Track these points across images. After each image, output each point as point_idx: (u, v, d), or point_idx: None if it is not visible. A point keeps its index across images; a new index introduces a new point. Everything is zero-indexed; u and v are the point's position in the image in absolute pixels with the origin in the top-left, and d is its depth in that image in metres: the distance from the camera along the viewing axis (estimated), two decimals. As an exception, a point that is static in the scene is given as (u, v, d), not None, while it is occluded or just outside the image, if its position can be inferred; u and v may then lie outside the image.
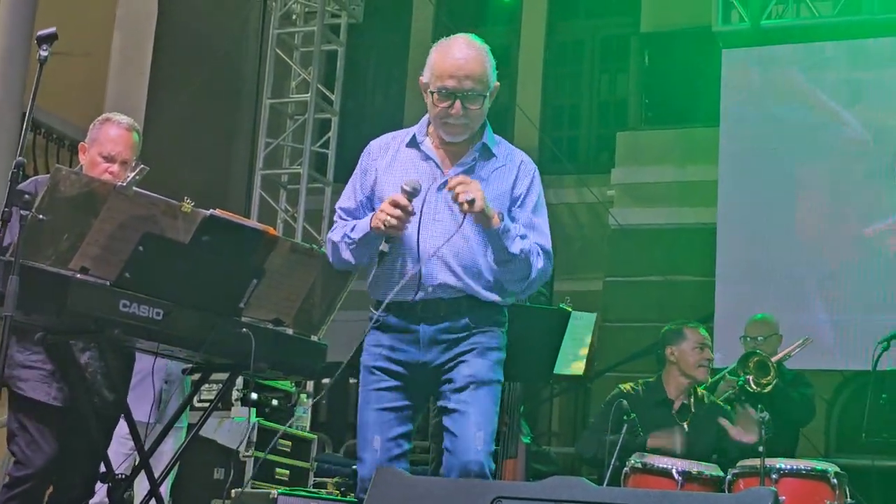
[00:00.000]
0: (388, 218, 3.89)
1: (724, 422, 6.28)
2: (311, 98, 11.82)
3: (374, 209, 4.08)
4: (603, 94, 15.02)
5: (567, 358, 6.02)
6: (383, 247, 3.96)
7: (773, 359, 6.92)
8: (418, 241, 3.98)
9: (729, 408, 6.63)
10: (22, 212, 3.87)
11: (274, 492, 6.48)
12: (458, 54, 4.02)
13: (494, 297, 4.07)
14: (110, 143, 4.79)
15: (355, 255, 4.09)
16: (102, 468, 4.67)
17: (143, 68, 11.35)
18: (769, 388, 6.76)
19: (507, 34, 14.87)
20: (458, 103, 4.00)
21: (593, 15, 14.70)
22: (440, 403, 4.03)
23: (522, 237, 4.01)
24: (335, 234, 4.16)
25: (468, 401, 3.94)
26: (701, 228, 11.67)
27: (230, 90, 12.82)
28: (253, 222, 4.80)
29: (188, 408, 6.23)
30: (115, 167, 4.74)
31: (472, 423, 3.91)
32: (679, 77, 13.45)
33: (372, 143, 4.27)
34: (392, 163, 4.15)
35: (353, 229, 4.08)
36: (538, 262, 4.06)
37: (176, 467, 5.74)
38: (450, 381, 3.99)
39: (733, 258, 10.76)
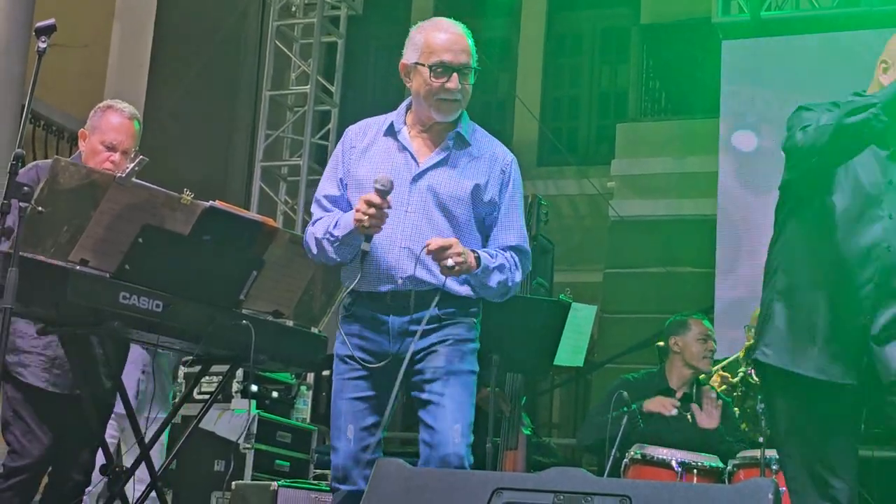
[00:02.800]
0: (363, 217, 3.87)
1: (694, 407, 6.29)
2: (310, 90, 11.81)
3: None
4: (603, 85, 15.03)
5: (567, 349, 6.02)
6: (364, 246, 3.93)
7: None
8: (389, 234, 3.96)
9: (729, 398, 6.64)
10: (21, 204, 3.87)
11: (274, 484, 6.48)
12: (452, 30, 4.07)
13: (467, 291, 4.04)
14: (112, 131, 4.76)
15: (339, 253, 4.04)
16: (102, 459, 4.67)
17: (142, 60, 11.34)
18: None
19: (507, 25, 14.88)
20: (455, 76, 4.00)
21: (593, 6, 14.71)
22: (414, 394, 4.00)
23: (500, 268, 4.01)
24: (317, 230, 4.10)
25: (443, 392, 3.92)
26: (701, 220, 11.67)
27: (230, 82, 12.81)
28: (253, 214, 4.79)
29: (173, 394, 6.24)
30: (116, 156, 4.73)
31: (449, 416, 3.89)
32: (679, 68, 13.45)
33: (349, 128, 4.24)
34: (367, 150, 4.13)
35: (335, 225, 4.04)
36: (516, 276, 4.08)
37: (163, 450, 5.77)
38: (421, 372, 3.96)
39: (733, 249, 10.76)
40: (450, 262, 3.83)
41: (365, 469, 3.93)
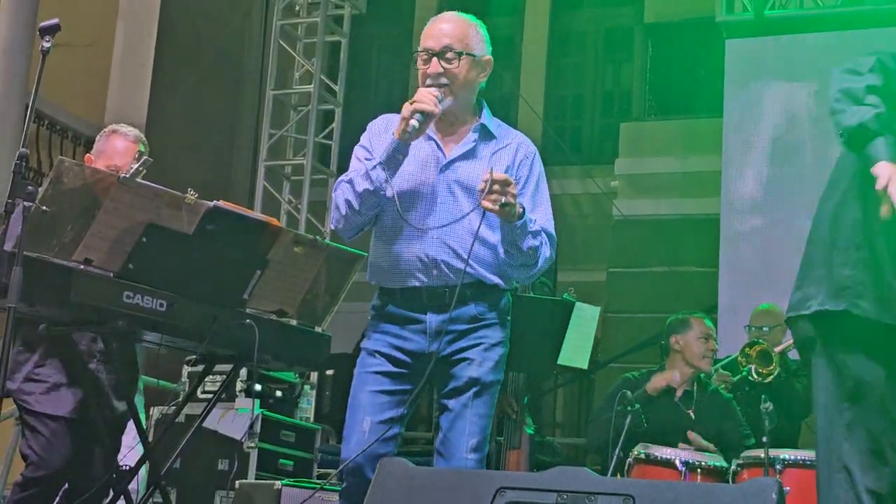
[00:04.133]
0: (422, 98, 3.87)
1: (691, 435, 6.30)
2: (314, 89, 11.80)
3: None
4: (607, 84, 15.03)
5: (571, 349, 6.02)
6: (414, 119, 3.85)
7: (777, 349, 6.93)
8: (420, 223, 3.96)
9: (731, 395, 6.64)
10: (25, 203, 3.87)
11: (278, 483, 6.47)
12: (445, 18, 4.12)
13: (497, 281, 4.03)
14: (118, 155, 4.80)
15: (374, 179, 3.92)
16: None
17: (146, 59, 11.36)
18: (771, 378, 6.77)
19: (511, 25, 14.87)
20: (434, 61, 4.00)
21: (597, 5, 14.70)
22: (441, 399, 4.01)
23: (535, 234, 3.96)
24: (351, 174, 4.01)
25: (467, 404, 3.92)
26: (704, 219, 11.67)
27: (233, 81, 12.82)
28: (256, 213, 4.80)
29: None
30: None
31: (467, 429, 3.90)
32: (683, 68, 13.45)
33: (372, 123, 4.22)
34: (384, 133, 4.10)
35: (374, 158, 3.99)
36: (545, 251, 4.02)
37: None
38: (453, 377, 3.96)
39: (736, 249, 10.75)
40: (504, 198, 3.78)
41: (377, 463, 3.92)
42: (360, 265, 4.59)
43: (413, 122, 3.86)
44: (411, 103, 3.89)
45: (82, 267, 4.11)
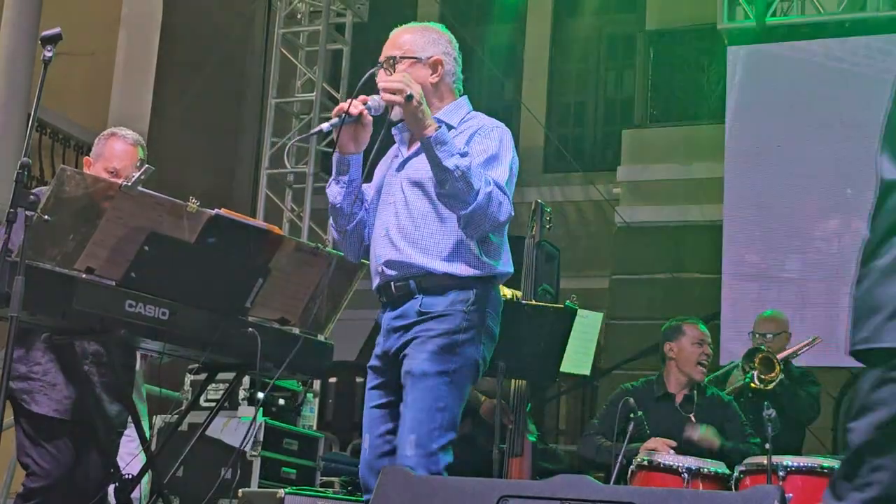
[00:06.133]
0: (341, 104, 4.00)
1: (692, 419, 6.28)
2: (316, 97, 11.81)
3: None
4: (608, 91, 15.03)
5: (574, 356, 6.02)
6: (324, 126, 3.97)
7: (780, 356, 6.92)
8: (377, 226, 4.03)
9: (731, 397, 6.63)
10: (27, 212, 3.88)
11: (281, 491, 6.47)
12: (392, 33, 4.21)
13: (447, 268, 3.91)
14: (116, 158, 4.79)
15: (330, 195, 4.09)
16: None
17: (148, 68, 11.37)
18: (773, 384, 6.76)
19: (512, 32, 14.89)
20: (381, 72, 4.10)
21: (599, 12, 14.70)
22: None
23: (463, 155, 3.79)
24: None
25: (406, 400, 3.85)
26: (707, 226, 11.68)
27: (235, 89, 12.84)
28: (258, 221, 4.80)
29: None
30: (119, 180, 4.74)
31: (407, 426, 3.82)
32: (685, 74, 13.46)
33: None
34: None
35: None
36: (484, 187, 3.77)
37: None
38: (402, 375, 3.93)
39: (739, 255, 10.76)
40: (386, 84, 3.88)
41: None
42: (363, 273, 4.59)
43: (324, 125, 3.97)
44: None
45: (84, 276, 4.11)
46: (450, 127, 4.01)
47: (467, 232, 3.87)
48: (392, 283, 3.96)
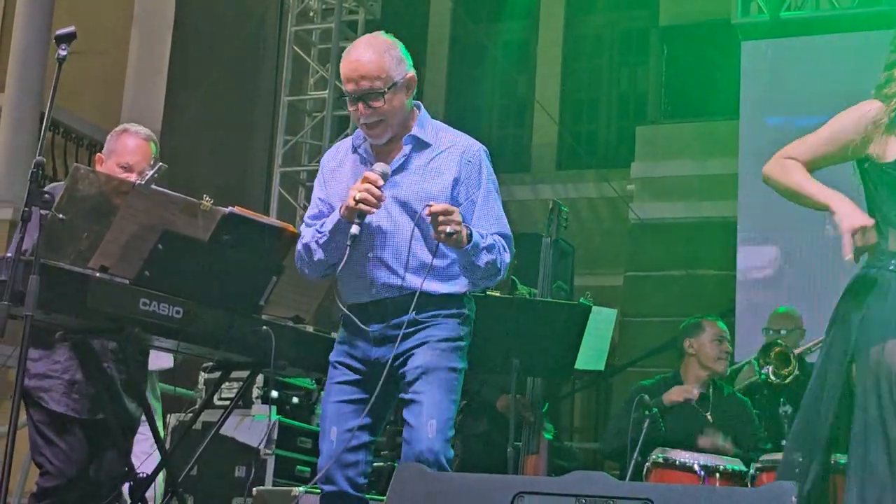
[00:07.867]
0: (361, 194, 3.86)
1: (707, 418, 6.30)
2: (328, 95, 11.82)
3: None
4: (622, 87, 15.01)
5: (588, 353, 6.01)
6: (354, 229, 3.89)
7: (797, 351, 6.91)
8: (360, 246, 3.98)
9: (747, 398, 6.61)
10: (41, 211, 3.88)
11: (295, 489, 6.47)
12: (353, 56, 4.01)
13: (445, 289, 4.02)
14: (128, 154, 4.77)
15: (326, 250, 4.03)
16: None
17: (160, 66, 11.37)
18: (790, 379, 6.74)
19: (525, 29, 14.87)
20: (360, 105, 3.98)
21: (612, 8, 14.69)
22: (400, 397, 4.03)
23: (489, 248, 3.96)
24: (305, 238, 4.12)
25: (420, 390, 3.91)
26: (721, 222, 11.65)
27: (248, 88, 12.82)
28: (272, 219, 4.80)
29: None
30: (133, 177, 4.73)
31: (425, 413, 3.88)
32: (698, 70, 13.41)
33: (324, 157, 4.31)
34: (338, 168, 4.18)
35: (322, 225, 4.06)
36: (505, 258, 4.03)
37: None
38: (403, 376, 3.97)
39: (754, 252, 10.73)
40: (448, 228, 3.81)
41: (347, 470, 3.98)
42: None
43: (353, 230, 3.89)
44: (357, 193, 3.88)
45: (98, 274, 4.11)
46: (426, 144, 4.08)
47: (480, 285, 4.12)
48: (388, 300, 4.02)
